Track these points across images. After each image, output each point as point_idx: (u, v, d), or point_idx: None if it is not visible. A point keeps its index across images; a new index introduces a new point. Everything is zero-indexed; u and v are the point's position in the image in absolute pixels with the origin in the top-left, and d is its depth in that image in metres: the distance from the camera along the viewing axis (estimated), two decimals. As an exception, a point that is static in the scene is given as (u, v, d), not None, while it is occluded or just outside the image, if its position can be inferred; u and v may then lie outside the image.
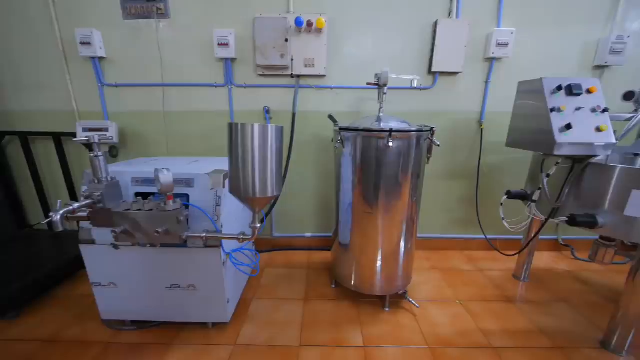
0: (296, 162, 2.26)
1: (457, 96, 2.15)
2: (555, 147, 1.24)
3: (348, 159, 1.58)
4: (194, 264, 1.40)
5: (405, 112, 2.16)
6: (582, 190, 1.39)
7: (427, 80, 2.12)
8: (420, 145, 1.54)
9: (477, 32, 2.01)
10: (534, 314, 1.71)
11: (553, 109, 1.26)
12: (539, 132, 1.32)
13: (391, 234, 1.63)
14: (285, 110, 2.16)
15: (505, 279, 2.06)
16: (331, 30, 2.00)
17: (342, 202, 1.68)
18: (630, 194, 1.23)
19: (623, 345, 1.42)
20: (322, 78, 2.10)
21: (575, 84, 1.29)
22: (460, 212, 2.41)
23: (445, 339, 1.51)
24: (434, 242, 2.47)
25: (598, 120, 1.27)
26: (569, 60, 2.09)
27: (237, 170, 1.12)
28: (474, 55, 2.06)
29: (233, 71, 2.09)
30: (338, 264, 1.83)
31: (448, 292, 1.91)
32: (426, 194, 2.34)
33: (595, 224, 1.31)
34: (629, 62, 2.05)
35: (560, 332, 1.56)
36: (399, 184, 1.54)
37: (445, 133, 2.22)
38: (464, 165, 2.30)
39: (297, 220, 2.42)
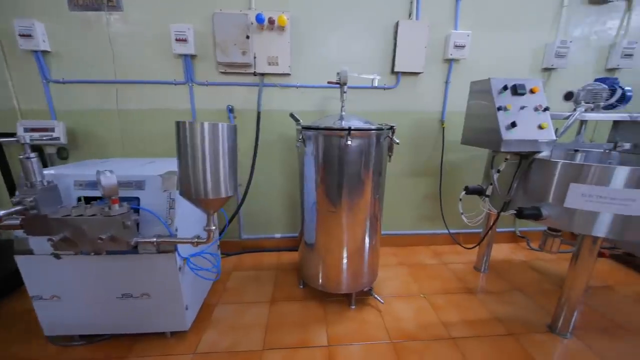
0: (262, 162, 2.22)
1: (419, 96, 2.21)
2: (502, 144, 1.31)
3: (310, 158, 1.57)
4: (146, 271, 1.33)
5: (370, 111, 2.19)
6: (529, 184, 1.47)
7: (391, 80, 2.16)
8: (381, 144, 1.56)
9: (436, 33, 2.08)
10: (492, 303, 1.79)
11: (500, 108, 1.32)
12: (488, 130, 1.39)
13: (355, 232, 1.64)
14: (250, 109, 2.11)
15: (467, 271, 2.15)
16: (295, 29, 1.98)
17: (306, 201, 1.67)
18: (569, 187, 1.32)
19: (567, 327, 1.53)
20: (286, 77, 2.08)
21: (519, 84, 1.37)
22: (426, 208, 2.49)
23: (408, 332, 1.54)
24: (402, 239, 2.53)
25: (540, 118, 1.35)
26: (520, 62, 2.22)
27: (187, 171, 1.07)
28: (434, 56, 2.13)
29: (194, 68, 2.01)
30: (305, 264, 1.81)
31: (413, 286, 1.96)
32: (393, 192, 2.40)
33: (540, 216, 1.39)
34: (572, 64, 2.21)
35: (514, 319, 1.65)
36: (361, 182, 1.56)
37: (410, 132, 2.28)
38: (428, 163, 2.37)
39: (266, 221, 2.38)
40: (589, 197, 1.28)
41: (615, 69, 2.27)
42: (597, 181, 1.27)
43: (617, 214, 1.27)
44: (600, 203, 1.27)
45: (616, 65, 2.22)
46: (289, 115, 1.62)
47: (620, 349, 1.45)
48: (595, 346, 1.47)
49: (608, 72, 2.30)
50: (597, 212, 1.30)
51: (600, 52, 2.26)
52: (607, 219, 1.29)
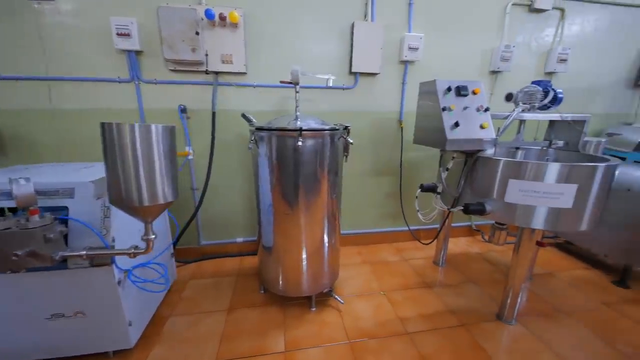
0: (220, 163, 2.13)
1: (377, 96, 2.25)
2: (446, 143, 1.36)
3: (264, 160, 1.52)
4: (79, 288, 1.21)
5: (330, 111, 2.19)
6: (475, 181, 1.55)
7: (349, 80, 2.17)
8: (335, 144, 1.56)
9: (391, 35, 2.12)
10: (447, 296, 1.87)
11: (444, 109, 1.37)
12: (435, 129, 1.43)
13: (314, 233, 1.62)
14: (204, 108, 2.01)
15: (427, 266, 2.23)
16: (249, 26, 1.92)
17: (262, 203, 1.62)
18: (508, 183, 1.40)
19: (512, 314, 1.63)
20: (242, 76, 2.01)
21: (462, 85, 1.43)
22: (388, 206, 2.54)
23: (366, 331, 1.55)
24: (366, 237, 2.56)
25: (481, 118, 1.42)
26: (470, 65, 2.34)
27: (116, 177, 0.98)
28: (390, 57, 2.18)
29: (140, 65, 1.88)
30: (264, 269, 1.76)
31: (374, 284, 1.98)
32: (356, 191, 2.42)
33: (484, 211, 1.47)
34: (515, 68, 2.37)
35: (467, 310, 1.73)
36: (317, 182, 1.54)
37: (370, 132, 2.31)
38: (388, 162, 2.42)
39: (227, 225, 2.29)
40: (525, 192, 1.37)
41: (553, 72, 2.47)
42: (533, 177, 1.36)
43: (550, 207, 1.37)
44: (535, 197, 1.36)
45: (553, 69, 2.41)
46: (241, 115, 1.56)
47: (558, 331, 1.57)
48: (537, 331, 1.57)
49: (547, 75, 2.50)
50: (534, 205, 1.39)
51: (539, 57, 2.45)
52: (543, 211, 1.39)
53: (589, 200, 1.36)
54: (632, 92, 2.76)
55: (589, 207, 1.38)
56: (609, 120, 2.77)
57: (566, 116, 1.65)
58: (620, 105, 2.77)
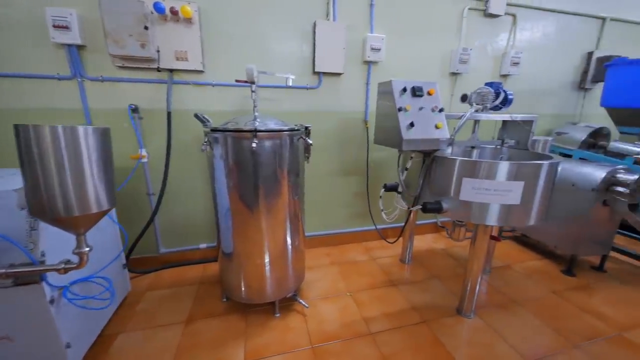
0: (178, 166, 2.02)
1: (342, 96, 2.24)
2: (403, 143, 1.37)
3: (220, 162, 1.45)
4: (2, 310, 1.07)
5: (294, 111, 2.15)
6: (433, 180, 1.58)
7: (313, 80, 2.14)
8: (295, 145, 1.52)
9: (354, 35, 2.12)
10: (411, 292, 1.90)
11: (400, 109, 1.38)
12: (392, 129, 1.44)
13: (276, 236, 1.57)
14: (159, 108, 1.89)
15: (393, 264, 2.26)
16: (206, 23, 1.84)
17: (219, 207, 1.55)
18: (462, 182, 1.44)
19: (471, 308, 1.68)
20: (200, 74, 1.91)
21: (417, 86, 1.45)
22: (357, 206, 2.55)
23: (330, 334, 1.53)
24: (335, 238, 2.55)
25: (436, 118, 1.45)
26: (432, 66, 2.40)
27: (36, 186, 0.88)
28: (354, 57, 2.18)
29: (82, 61, 1.72)
30: (225, 275, 1.69)
31: (341, 285, 1.98)
32: (325, 192, 2.40)
33: (441, 209, 1.50)
34: (473, 70, 2.48)
35: (429, 306, 1.77)
36: (277, 184, 1.50)
37: (336, 132, 2.30)
38: (355, 162, 2.43)
39: (188, 231, 2.18)
40: (478, 190, 1.42)
41: (507, 75, 2.60)
42: (485, 175, 1.41)
43: (501, 204, 1.43)
44: (487, 194, 1.41)
45: (507, 72, 2.54)
46: (194, 116, 1.48)
47: (512, 322, 1.65)
48: (493, 323, 1.64)
49: (502, 77, 2.63)
50: (487, 202, 1.44)
51: (495, 59, 2.58)
52: (495, 208, 1.45)
53: (535, 196, 1.43)
54: (577, 94, 2.99)
55: (536, 203, 1.45)
56: (558, 120, 2.98)
57: (516, 116, 1.74)
58: (567, 106, 2.99)
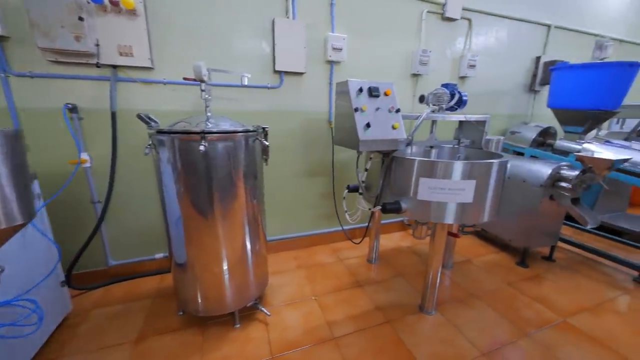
0: (127, 171, 1.86)
1: (305, 96, 2.20)
2: (359, 144, 1.36)
3: (167, 166, 1.34)
4: None
5: (257, 111, 2.08)
6: (392, 180, 1.59)
7: (274, 79, 2.08)
8: (251, 146, 1.45)
9: (315, 35, 2.09)
10: (376, 292, 1.90)
11: (357, 109, 1.37)
12: (349, 130, 1.43)
13: (233, 242, 1.49)
14: (103, 108, 1.73)
15: (360, 264, 2.26)
16: (154, 15, 1.70)
17: (169, 215, 1.44)
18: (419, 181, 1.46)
19: (432, 305, 1.72)
20: (148, 71, 1.77)
21: (373, 86, 1.45)
22: (324, 207, 2.52)
23: (292, 342, 1.49)
24: (303, 240, 2.51)
25: (393, 119, 1.46)
26: (393, 67, 2.44)
27: None
28: (316, 57, 2.15)
29: (5, 54, 1.52)
30: (180, 287, 1.57)
31: (307, 289, 1.93)
32: (290, 193, 2.35)
33: (400, 210, 1.51)
34: (433, 72, 2.55)
35: (393, 305, 1.78)
36: (232, 188, 1.42)
37: (300, 132, 2.26)
38: (320, 163, 2.39)
39: (142, 240, 2.02)
40: (434, 189, 1.44)
41: (465, 77, 2.71)
42: (442, 175, 1.43)
43: (457, 202, 1.46)
44: (442, 194, 1.43)
45: (465, 74, 2.65)
46: (137, 116, 1.36)
47: (470, 315, 1.71)
48: (453, 318, 1.68)
49: (460, 79, 2.74)
50: (443, 202, 1.47)
51: (454, 62, 2.67)
52: (451, 207, 1.48)
53: (487, 194, 1.48)
54: (528, 96, 3.19)
55: (488, 200, 1.51)
56: (512, 120, 3.17)
57: (470, 117, 1.80)
58: (519, 106, 3.19)
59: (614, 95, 2.28)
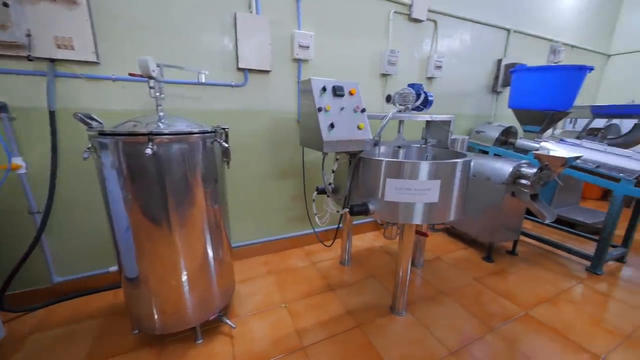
0: (73, 178, 1.68)
1: (273, 95, 2.12)
2: (324, 145, 1.31)
3: (112, 171, 1.21)
4: None
5: (221, 110, 1.96)
6: (360, 182, 1.55)
7: (238, 77, 1.98)
8: (209, 148, 1.35)
9: (281, 31, 2.01)
10: (348, 296, 1.87)
11: (320, 109, 1.32)
12: (313, 130, 1.37)
13: (193, 251, 1.38)
14: (39, 107, 1.54)
15: (333, 267, 2.22)
16: (97, 4, 1.54)
17: (117, 225, 1.30)
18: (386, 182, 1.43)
19: (402, 305, 1.71)
20: (94, 66, 1.61)
21: (338, 85, 1.40)
22: (295, 209, 2.45)
23: (259, 354, 1.41)
24: (275, 244, 2.42)
25: (358, 119, 1.42)
26: (363, 67, 2.42)
27: None
28: (282, 55, 2.07)
29: None
30: (133, 304, 1.43)
31: (277, 296, 1.86)
32: (260, 196, 2.26)
33: (368, 211, 1.48)
34: (402, 72, 2.57)
35: (364, 308, 1.75)
36: (190, 193, 1.31)
37: (268, 132, 2.17)
38: (291, 164, 2.32)
39: (93, 252, 1.83)
40: (400, 190, 1.42)
41: (432, 77, 2.77)
42: (408, 175, 1.42)
43: (423, 203, 1.46)
44: (409, 194, 1.42)
45: (432, 74, 2.70)
46: (73, 115, 1.21)
47: (439, 313, 1.72)
48: (423, 317, 1.69)
49: (428, 80, 2.79)
50: (410, 202, 1.46)
51: (421, 62, 2.71)
52: (419, 207, 1.47)
53: (452, 193, 1.50)
54: (491, 97, 3.33)
55: (454, 199, 1.52)
56: (478, 120, 3.29)
57: (435, 117, 1.82)
58: (484, 107, 3.32)
59: (567, 96, 2.43)
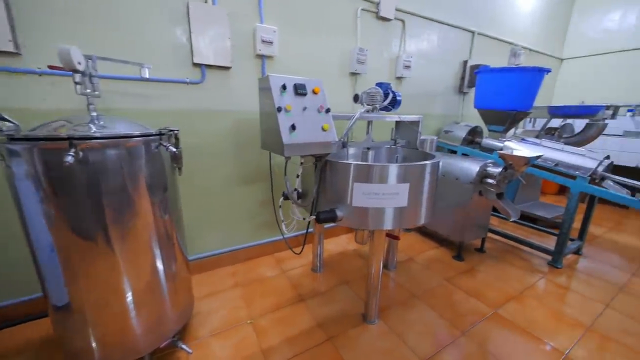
0: (-11, 190, 1.42)
1: (235, 94, 1.96)
2: (284, 148, 1.19)
3: (27, 183, 1.01)
4: None
5: (174, 110, 1.78)
6: (328, 186, 1.46)
7: (194, 73, 1.80)
8: (153, 153, 1.19)
9: (241, 25, 1.86)
10: (319, 306, 1.77)
11: (280, 109, 1.20)
12: (273, 132, 1.25)
13: (139, 270, 1.21)
14: (-62, 105, 1.27)
15: (304, 275, 2.11)
16: (14, -16, 1.31)
17: (37, 245, 1.09)
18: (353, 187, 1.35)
19: (374, 313, 1.64)
20: (13, 57, 1.36)
21: (299, 83, 1.29)
22: (265, 215, 2.31)
23: (218, 382, 1.26)
24: (243, 253, 2.27)
25: (323, 119, 1.33)
26: (331, 65, 2.34)
27: None
28: (244, 50, 1.93)
29: None
30: (65, 337, 1.23)
31: (243, 312, 1.71)
32: (225, 203, 2.09)
33: (336, 218, 1.39)
34: (372, 71, 2.52)
35: (336, 319, 1.67)
36: (132, 204, 1.14)
37: (232, 134, 2.01)
38: (258, 167, 2.18)
39: (15, 276, 1.56)
40: (368, 195, 1.35)
41: (402, 77, 2.75)
42: (378, 179, 1.34)
43: (393, 207, 1.39)
44: (377, 199, 1.35)
45: (401, 74, 2.68)
46: (-26, 116, 0.99)
47: (412, 319, 1.68)
48: (395, 325, 1.63)
49: (397, 79, 2.77)
50: (380, 207, 1.39)
51: (391, 62, 2.69)
52: (389, 212, 1.40)
53: (422, 196, 1.45)
54: (458, 97, 3.41)
55: (423, 202, 1.47)
56: (446, 120, 3.34)
57: (403, 117, 1.77)
58: (452, 107, 3.38)
59: (527, 97, 2.51)
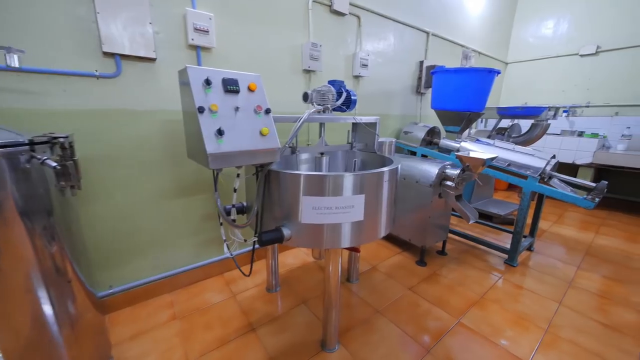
0: None
1: (163, 90, 1.65)
2: (209, 159, 0.95)
3: None
4: None
5: (79, 109, 1.42)
6: (273, 201, 1.24)
7: (106, 65, 1.46)
8: (23, 170, 0.87)
9: (167, 8, 1.56)
10: (272, 336, 1.54)
11: (202, 109, 0.95)
12: (196, 139, 1.00)
13: (14, 322, 0.88)
14: None
15: (258, 297, 1.87)
16: None
17: None
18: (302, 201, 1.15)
19: (334, 339, 1.46)
20: None
21: (230, 78, 1.06)
22: (209, 231, 2.01)
23: None
24: (185, 277, 1.95)
25: (261, 122, 1.10)
26: (282, 60, 2.11)
27: None
28: (174, 39, 1.62)
29: None
30: None
31: (178, 354, 1.42)
32: (157, 222, 1.76)
33: (282, 238, 1.17)
34: (328, 69, 2.35)
35: (291, 349, 1.45)
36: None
37: (163, 138, 1.69)
38: (199, 177, 1.88)
39: None
40: (319, 210, 1.16)
41: (359, 76, 2.62)
42: (330, 191, 1.15)
43: (350, 222, 1.22)
44: (329, 214, 1.17)
45: (358, 73, 2.55)
46: None
47: (376, 341, 1.53)
48: (357, 349, 1.47)
49: (355, 78, 2.64)
50: (335, 223, 1.20)
51: (347, 60, 2.54)
52: (345, 228, 1.23)
53: (381, 206, 1.30)
54: (416, 97, 3.40)
55: (383, 212, 1.32)
56: (404, 120, 3.31)
57: (359, 119, 1.62)
58: (410, 107, 3.36)
59: (480, 98, 2.53)
